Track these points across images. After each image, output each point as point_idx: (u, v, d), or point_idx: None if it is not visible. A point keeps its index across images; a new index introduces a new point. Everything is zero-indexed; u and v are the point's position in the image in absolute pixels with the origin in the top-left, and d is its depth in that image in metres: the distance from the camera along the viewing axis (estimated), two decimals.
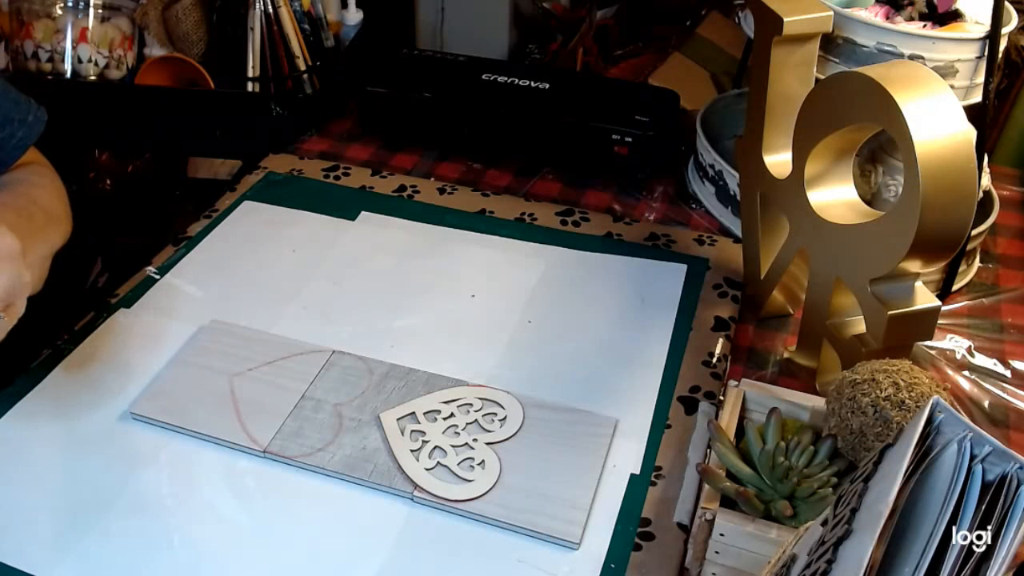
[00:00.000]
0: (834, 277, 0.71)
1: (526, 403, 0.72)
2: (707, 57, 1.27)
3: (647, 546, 0.63)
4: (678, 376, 0.77)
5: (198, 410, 0.71)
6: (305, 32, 1.14)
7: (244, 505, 0.65)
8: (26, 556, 0.61)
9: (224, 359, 0.76)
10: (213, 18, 1.13)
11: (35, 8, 1.12)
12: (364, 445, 0.69)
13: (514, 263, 0.90)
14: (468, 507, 0.64)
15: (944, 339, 0.84)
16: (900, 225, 0.62)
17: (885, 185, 0.86)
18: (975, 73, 0.78)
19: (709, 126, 1.02)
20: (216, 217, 0.95)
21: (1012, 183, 1.08)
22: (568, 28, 1.33)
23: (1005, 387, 0.79)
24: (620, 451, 0.69)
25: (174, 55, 1.13)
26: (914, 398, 0.57)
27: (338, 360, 0.76)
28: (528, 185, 1.06)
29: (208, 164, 1.14)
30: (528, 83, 1.09)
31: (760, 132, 0.78)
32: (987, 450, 0.40)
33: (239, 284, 0.86)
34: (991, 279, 0.93)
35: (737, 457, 0.61)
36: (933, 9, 0.81)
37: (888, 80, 0.61)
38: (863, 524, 0.40)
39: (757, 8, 0.74)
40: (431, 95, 1.08)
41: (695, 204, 1.02)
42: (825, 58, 0.79)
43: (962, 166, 0.60)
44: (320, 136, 1.14)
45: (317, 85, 1.16)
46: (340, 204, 0.98)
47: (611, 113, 1.03)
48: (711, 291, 0.86)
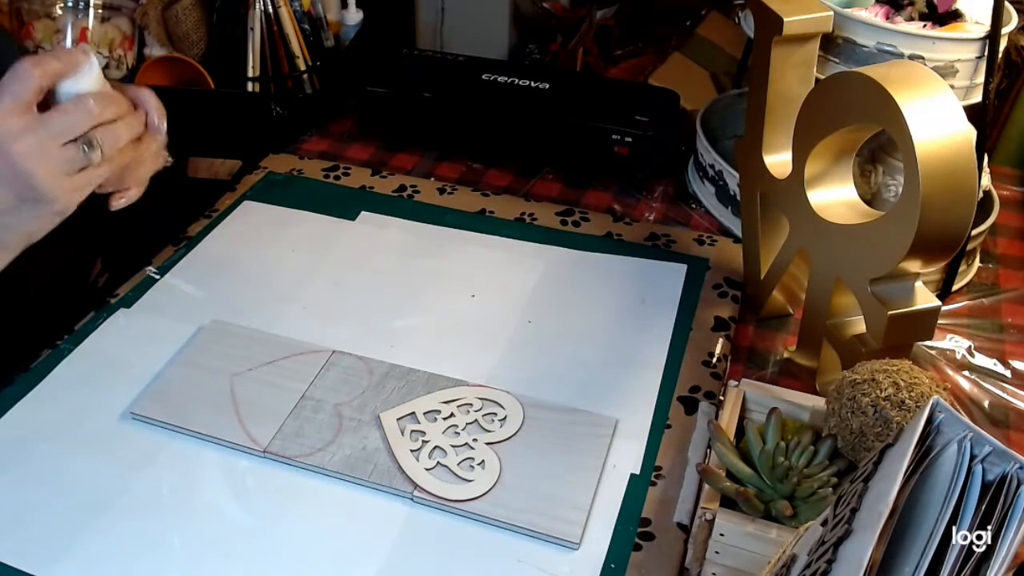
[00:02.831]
0: (834, 277, 0.71)
1: (526, 403, 0.72)
2: (707, 57, 1.27)
3: (647, 546, 0.63)
4: (678, 376, 0.77)
5: (198, 410, 0.71)
6: (305, 32, 1.14)
7: (244, 505, 0.65)
8: (26, 556, 0.61)
9: (224, 359, 0.76)
10: (213, 18, 1.13)
11: (35, 8, 1.12)
12: (364, 445, 0.69)
13: (514, 263, 0.90)
14: (468, 507, 0.64)
15: (944, 339, 0.84)
16: (900, 225, 0.62)
17: (885, 185, 0.86)
18: (975, 73, 0.78)
19: (709, 126, 1.02)
20: (216, 217, 0.95)
21: (1012, 183, 1.08)
22: (568, 28, 1.33)
23: (1005, 387, 0.79)
24: (620, 451, 0.69)
25: (174, 55, 1.13)
26: (914, 398, 0.57)
27: (338, 360, 0.76)
28: (528, 185, 1.06)
29: (208, 164, 1.14)
30: (528, 83, 1.09)
31: (760, 132, 0.78)
32: (987, 450, 0.40)
33: (239, 284, 0.86)
34: (991, 279, 0.93)
35: (737, 457, 0.61)
36: (933, 9, 0.81)
37: (888, 80, 0.61)
38: (863, 524, 0.40)
39: (757, 8, 0.74)
40: (431, 95, 1.08)
41: (695, 204, 1.02)
42: (825, 58, 0.79)
43: (962, 166, 0.60)
44: (320, 136, 1.14)
45: (317, 85, 1.16)
46: (340, 204, 0.98)
47: (611, 113, 1.03)
48: (711, 291, 0.86)
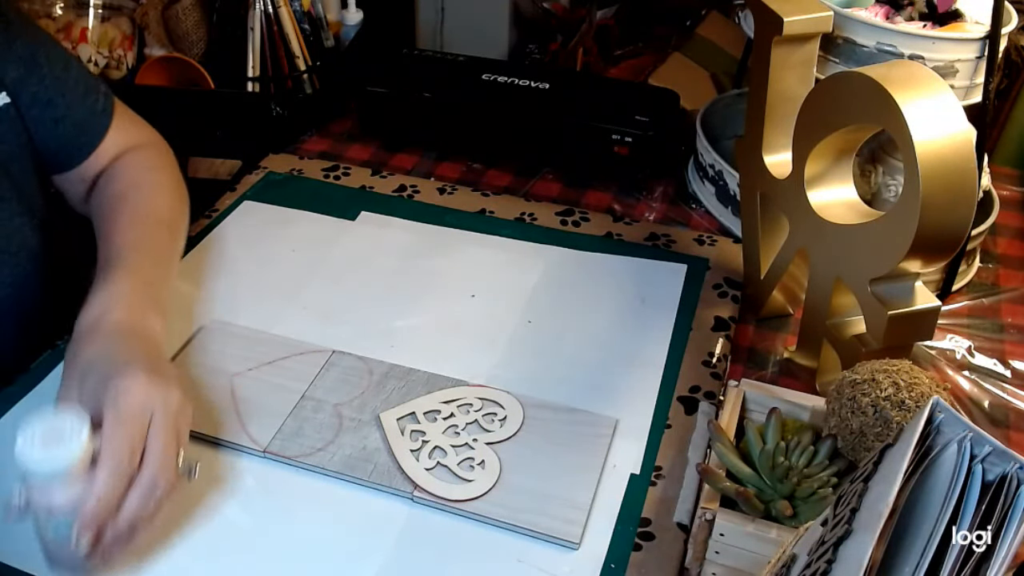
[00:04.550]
0: (834, 277, 0.71)
1: (526, 403, 0.72)
2: (707, 57, 1.27)
3: (647, 546, 0.63)
4: (678, 376, 0.77)
5: (198, 410, 0.71)
6: (305, 32, 1.14)
7: (244, 505, 0.65)
8: (26, 556, 0.60)
9: (224, 359, 0.76)
10: (213, 18, 1.13)
11: (35, 8, 1.12)
12: (364, 445, 0.69)
13: (514, 263, 0.90)
14: (468, 507, 0.64)
15: (944, 339, 0.84)
16: (900, 225, 0.62)
17: (885, 185, 0.86)
18: (975, 73, 0.78)
19: (709, 126, 1.02)
20: (216, 217, 0.95)
21: (1012, 183, 1.08)
22: (568, 28, 1.33)
23: (1005, 387, 0.79)
24: (620, 451, 0.69)
25: (174, 55, 1.13)
26: (914, 398, 0.57)
27: (338, 360, 0.76)
28: (528, 185, 1.06)
29: (208, 164, 1.14)
30: (528, 83, 1.09)
31: (760, 132, 0.78)
32: (987, 450, 0.40)
33: (239, 284, 0.86)
34: (991, 279, 0.93)
35: (737, 457, 0.61)
36: (933, 9, 0.81)
37: (888, 80, 0.61)
38: (863, 524, 0.40)
39: (757, 8, 0.74)
40: (431, 95, 1.08)
41: (695, 204, 1.02)
42: (825, 58, 0.79)
43: (962, 166, 0.60)
44: (320, 136, 1.14)
45: (317, 85, 1.16)
46: (340, 204, 0.98)
47: (611, 113, 1.03)
48: (711, 291, 0.86)
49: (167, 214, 0.79)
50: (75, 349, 0.63)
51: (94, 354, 0.61)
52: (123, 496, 0.55)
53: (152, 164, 0.83)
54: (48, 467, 0.52)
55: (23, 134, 0.76)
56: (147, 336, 0.65)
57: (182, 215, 0.82)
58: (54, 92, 0.76)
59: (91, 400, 0.57)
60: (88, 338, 0.63)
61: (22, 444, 0.52)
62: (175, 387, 0.60)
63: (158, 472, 0.56)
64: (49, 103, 0.76)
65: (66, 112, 0.77)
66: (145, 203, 0.78)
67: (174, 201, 0.81)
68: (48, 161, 0.80)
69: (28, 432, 0.53)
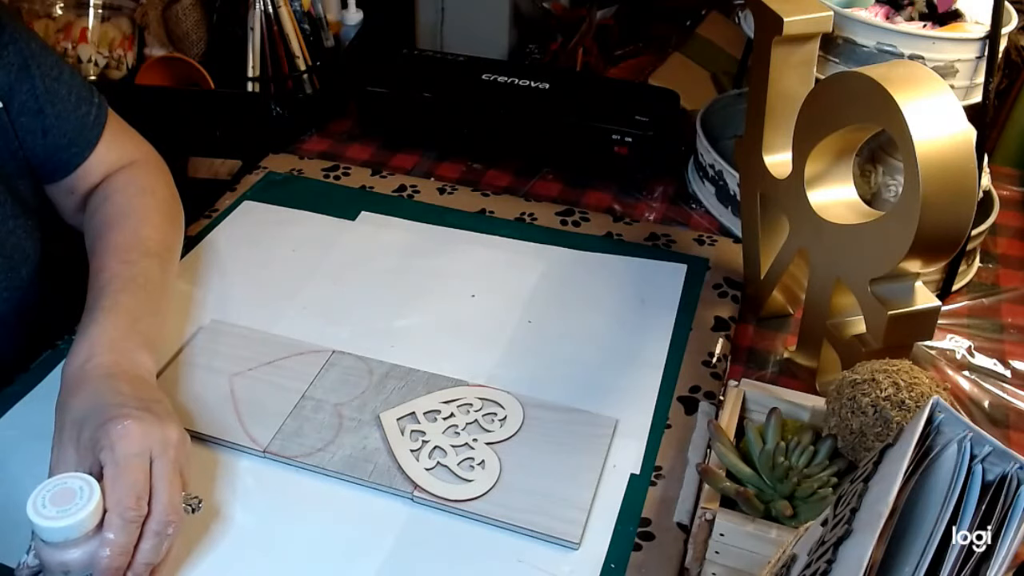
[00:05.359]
0: (834, 277, 0.71)
1: (526, 403, 0.72)
2: (707, 57, 1.27)
3: (647, 546, 0.63)
4: (678, 376, 0.77)
5: (198, 410, 0.71)
6: (305, 32, 1.14)
7: (244, 505, 0.65)
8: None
9: (224, 359, 0.76)
10: (213, 18, 1.13)
11: (35, 8, 1.12)
12: (364, 445, 0.69)
13: (514, 263, 0.90)
14: (468, 507, 0.64)
15: (944, 339, 0.84)
16: (900, 225, 0.62)
17: (885, 185, 0.86)
18: (975, 73, 0.78)
19: (709, 126, 1.02)
20: (216, 217, 0.95)
21: (1012, 183, 1.08)
22: (568, 28, 1.33)
23: (1005, 387, 0.79)
24: (620, 451, 0.69)
25: (174, 55, 1.13)
26: (914, 398, 0.57)
27: (338, 360, 0.76)
28: (528, 185, 1.06)
29: (208, 164, 1.14)
30: (528, 83, 1.09)
31: (760, 132, 0.78)
32: (987, 450, 0.40)
33: (239, 284, 0.86)
34: (991, 279, 0.93)
35: (737, 457, 0.61)
36: (933, 9, 0.81)
37: (888, 80, 0.61)
38: (863, 524, 0.40)
39: (757, 8, 0.74)
40: (431, 95, 1.08)
41: (695, 204, 1.02)
42: (825, 58, 0.79)
43: (962, 166, 0.60)
44: (320, 136, 1.14)
45: (317, 85, 1.16)
46: (340, 204, 0.98)
47: (611, 113, 1.03)
48: (711, 291, 0.86)
49: (156, 245, 0.76)
50: (64, 399, 0.61)
51: (84, 402, 0.60)
52: (136, 541, 0.55)
53: (142, 186, 0.81)
54: (61, 535, 0.53)
55: (14, 141, 0.75)
56: (135, 375, 0.64)
57: (174, 241, 0.80)
58: (44, 101, 0.75)
59: (88, 450, 0.57)
60: (76, 387, 0.61)
61: (33, 513, 0.52)
62: (170, 423, 0.59)
63: (167, 514, 0.56)
64: (39, 112, 0.75)
65: (55, 123, 0.76)
66: (134, 234, 0.75)
67: (165, 226, 0.79)
68: (36, 170, 0.78)
69: (39, 499, 0.53)
